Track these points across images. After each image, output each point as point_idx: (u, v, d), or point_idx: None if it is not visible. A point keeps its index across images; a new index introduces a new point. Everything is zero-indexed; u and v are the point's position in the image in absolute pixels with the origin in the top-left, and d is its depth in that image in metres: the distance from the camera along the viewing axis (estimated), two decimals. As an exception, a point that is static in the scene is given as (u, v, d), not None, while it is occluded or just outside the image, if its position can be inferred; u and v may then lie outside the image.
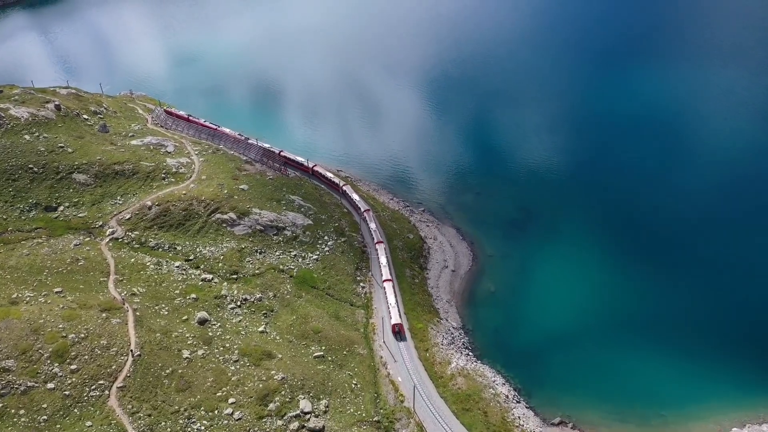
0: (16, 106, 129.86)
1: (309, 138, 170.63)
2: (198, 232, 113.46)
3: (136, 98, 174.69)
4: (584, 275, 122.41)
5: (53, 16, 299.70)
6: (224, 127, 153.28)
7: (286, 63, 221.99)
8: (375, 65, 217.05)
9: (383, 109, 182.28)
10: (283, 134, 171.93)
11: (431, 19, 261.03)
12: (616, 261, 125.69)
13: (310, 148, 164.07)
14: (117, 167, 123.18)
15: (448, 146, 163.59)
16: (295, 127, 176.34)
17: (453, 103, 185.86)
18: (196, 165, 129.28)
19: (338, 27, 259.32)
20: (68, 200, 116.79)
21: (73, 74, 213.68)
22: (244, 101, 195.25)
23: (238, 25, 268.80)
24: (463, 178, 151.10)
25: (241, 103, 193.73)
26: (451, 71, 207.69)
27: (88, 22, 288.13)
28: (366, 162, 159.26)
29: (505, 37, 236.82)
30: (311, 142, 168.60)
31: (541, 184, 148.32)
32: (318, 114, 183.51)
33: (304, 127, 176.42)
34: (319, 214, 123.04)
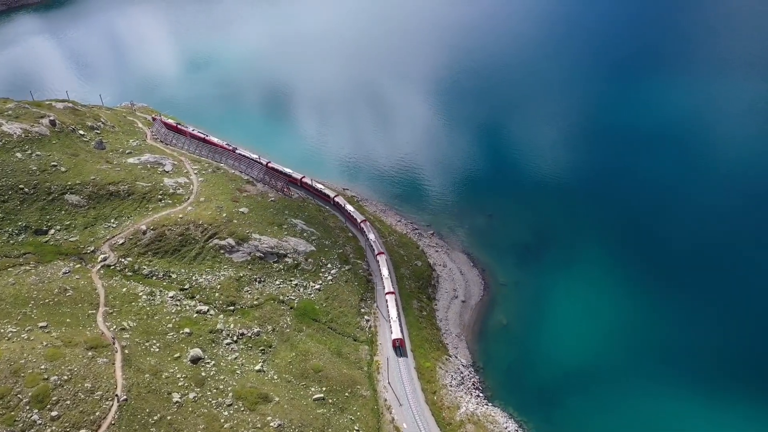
0: (9, 121, 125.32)
1: (314, 153, 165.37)
2: (194, 259, 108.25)
3: (136, 110, 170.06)
4: (604, 305, 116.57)
5: (59, 20, 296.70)
6: (212, 136, 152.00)
7: (293, 72, 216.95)
8: (385, 75, 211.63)
9: (392, 123, 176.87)
10: (286, 147, 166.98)
11: (444, 28, 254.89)
12: (639, 288, 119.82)
13: (315, 164, 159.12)
14: (112, 188, 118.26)
15: (458, 163, 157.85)
16: (299, 140, 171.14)
17: (464, 116, 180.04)
18: (194, 185, 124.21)
19: (349, 35, 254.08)
20: (59, 223, 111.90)
21: (74, 83, 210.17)
22: (248, 112, 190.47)
23: (247, 31, 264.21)
24: (474, 198, 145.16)
25: (245, 114, 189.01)
26: (464, 82, 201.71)
27: (93, 27, 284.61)
28: (373, 180, 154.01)
29: (519, 46, 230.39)
30: (316, 157, 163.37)
31: (556, 204, 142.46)
32: (324, 127, 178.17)
33: (308, 140, 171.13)
34: (322, 240, 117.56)
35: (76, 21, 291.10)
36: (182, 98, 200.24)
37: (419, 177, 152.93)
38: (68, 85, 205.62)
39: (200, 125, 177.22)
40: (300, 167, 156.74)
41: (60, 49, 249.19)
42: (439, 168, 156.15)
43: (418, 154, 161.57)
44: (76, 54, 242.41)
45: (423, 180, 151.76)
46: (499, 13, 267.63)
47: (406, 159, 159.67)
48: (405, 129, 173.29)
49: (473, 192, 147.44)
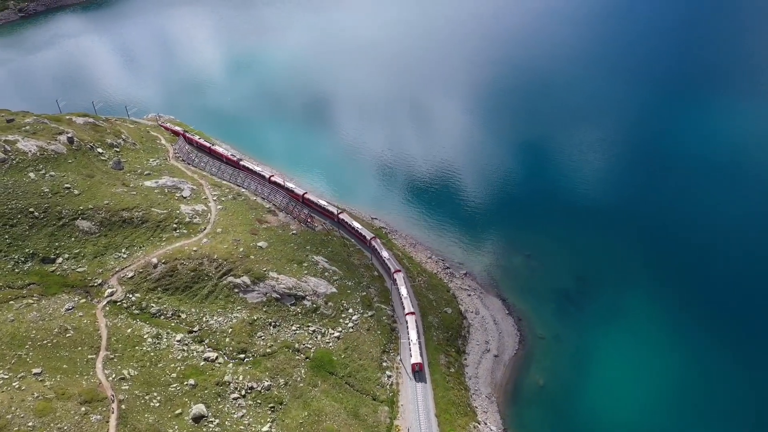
0: (26, 138, 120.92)
1: (343, 175, 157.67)
2: (206, 298, 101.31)
3: (162, 122, 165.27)
4: (656, 366, 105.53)
5: (94, 21, 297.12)
6: (217, 146, 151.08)
7: (329, 85, 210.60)
8: (423, 92, 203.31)
9: (426, 147, 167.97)
10: (314, 166, 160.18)
11: (486, 40, 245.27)
12: (698, 346, 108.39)
13: (344, 186, 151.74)
14: (125, 214, 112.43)
15: (496, 194, 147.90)
16: (329, 160, 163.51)
17: (503, 141, 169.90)
18: (212, 214, 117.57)
19: (388, 47, 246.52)
20: (68, 251, 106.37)
21: (103, 91, 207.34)
22: (277, 125, 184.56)
23: (285, 39, 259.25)
24: (511, 235, 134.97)
25: (274, 128, 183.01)
26: (504, 101, 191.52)
27: (128, 31, 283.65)
28: (404, 208, 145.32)
29: (566, 62, 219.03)
30: (346, 179, 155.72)
31: (602, 245, 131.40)
32: (356, 147, 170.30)
33: (339, 161, 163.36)
34: (345, 280, 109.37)
35: (111, 23, 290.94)
36: (212, 110, 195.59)
37: (453, 208, 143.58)
38: (97, 93, 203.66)
39: (228, 140, 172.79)
40: (325, 188, 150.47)
41: (91, 55, 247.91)
42: (475, 198, 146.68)
43: (453, 182, 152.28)
44: (107, 60, 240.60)
45: (457, 211, 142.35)
46: (548, 24, 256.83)
47: (439, 187, 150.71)
48: (439, 153, 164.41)
49: (511, 227, 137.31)
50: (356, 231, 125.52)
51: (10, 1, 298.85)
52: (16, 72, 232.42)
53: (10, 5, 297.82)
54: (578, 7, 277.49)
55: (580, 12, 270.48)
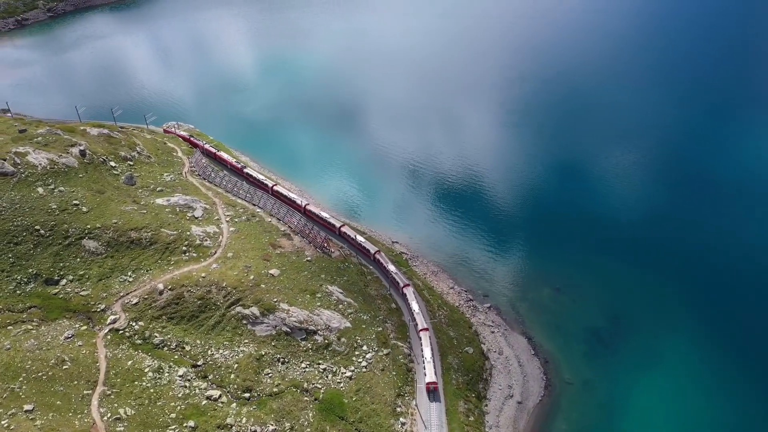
0: (37, 150, 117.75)
1: (365, 193, 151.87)
2: (213, 329, 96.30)
3: (168, 127, 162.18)
4: (696, 419, 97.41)
5: (121, 22, 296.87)
6: (222, 152, 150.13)
7: (356, 95, 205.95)
8: (453, 105, 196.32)
9: (451, 165, 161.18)
10: (335, 186, 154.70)
11: (520, 51, 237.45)
12: (745, 399, 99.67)
13: (364, 208, 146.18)
14: (133, 234, 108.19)
15: (525, 220, 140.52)
16: (351, 180, 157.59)
17: (536, 160, 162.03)
18: (224, 237, 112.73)
19: (416, 50, 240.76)
20: (73, 272, 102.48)
21: (125, 96, 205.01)
22: (295, 138, 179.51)
23: (314, 44, 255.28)
24: (541, 265, 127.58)
25: (293, 140, 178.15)
26: (539, 115, 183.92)
27: (153, 33, 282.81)
28: (427, 231, 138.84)
29: (608, 79, 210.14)
30: (367, 198, 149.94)
31: (640, 281, 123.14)
32: (380, 164, 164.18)
33: (360, 182, 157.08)
34: (360, 313, 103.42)
35: (137, 25, 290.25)
36: (234, 119, 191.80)
37: (479, 232, 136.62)
38: (119, 97, 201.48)
39: (248, 150, 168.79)
40: (345, 207, 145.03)
41: (115, 57, 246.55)
42: (503, 222, 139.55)
43: (479, 204, 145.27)
44: (130, 64, 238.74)
45: (483, 236, 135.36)
46: (588, 35, 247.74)
47: (465, 209, 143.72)
48: (466, 172, 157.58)
49: (540, 256, 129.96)
50: (359, 245, 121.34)
51: (40, 1, 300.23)
52: (41, 74, 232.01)
53: (40, 4, 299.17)
54: (623, 16, 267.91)
55: (624, 21, 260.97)
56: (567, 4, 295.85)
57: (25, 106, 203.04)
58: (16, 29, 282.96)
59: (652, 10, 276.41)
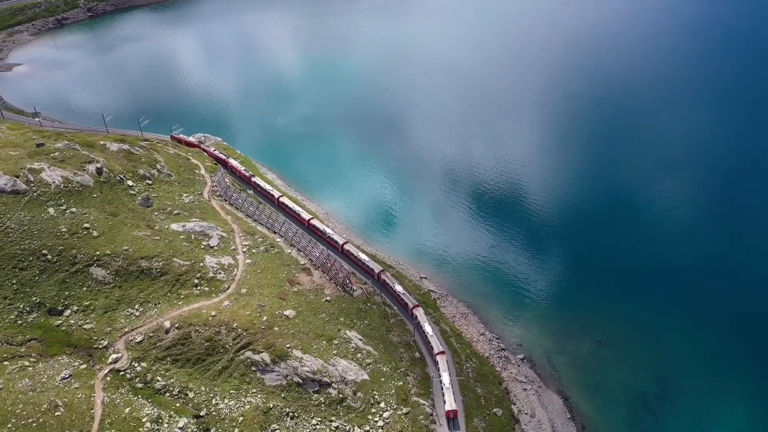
0: (52, 166, 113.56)
1: (393, 223, 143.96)
2: (219, 375, 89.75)
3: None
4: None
5: (160, 24, 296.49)
6: (232, 159, 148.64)
7: (389, 106, 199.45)
8: (489, 120, 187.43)
9: (488, 192, 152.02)
10: (363, 211, 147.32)
11: (570, 64, 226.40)
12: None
13: (393, 237, 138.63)
14: (144, 263, 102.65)
15: (567, 260, 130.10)
16: (380, 206, 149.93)
17: (582, 195, 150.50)
18: (239, 269, 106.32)
19: (461, 60, 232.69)
20: (78, 302, 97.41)
21: (153, 104, 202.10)
22: (326, 153, 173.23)
23: (357, 50, 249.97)
24: (580, 314, 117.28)
25: (322, 156, 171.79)
26: (584, 145, 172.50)
27: (191, 36, 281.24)
28: (457, 268, 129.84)
29: (664, 93, 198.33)
30: (395, 228, 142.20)
31: (691, 338, 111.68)
32: (410, 186, 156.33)
33: (390, 209, 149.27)
34: (379, 364, 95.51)
35: (175, 27, 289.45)
36: (266, 132, 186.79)
37: (515, 272, 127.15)
38: (148, 104, 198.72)
39: (275, 165, 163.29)
40: (371, 236, 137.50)
41: (149, 61, 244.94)
42: (541, 262, 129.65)
43: (517, 239, 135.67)
44: (163, 69, 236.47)
45: (519, 277, 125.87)
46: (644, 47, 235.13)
47: (500, 244, 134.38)
48: (503, 202, 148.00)
49: (580, 303, 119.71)
50: (363, 264, 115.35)
51: (81, 0, 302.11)
52: (75, 76, 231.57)
53: (81, 3, 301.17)
54: (685, 34, 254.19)
55: (685, 40, 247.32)
56: (633, 14, 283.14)
57: (56, 109, 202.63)
58: (56, 28, 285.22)
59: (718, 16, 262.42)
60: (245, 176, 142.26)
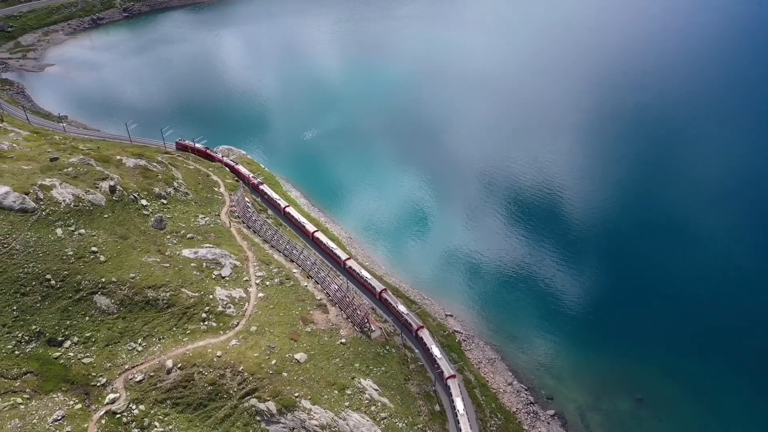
0: (64, 183, 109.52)
1: (419, 256, 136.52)
2: (221, 423, 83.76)
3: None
4: None
5: (195, 26, 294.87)
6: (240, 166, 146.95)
7: (426, 122, 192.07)
8: (530, 143, 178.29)
9: (523, 225, 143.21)
10: (388, 239, 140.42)
11: (623, 84, 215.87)
12: None
13: (420, 269, 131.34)
14: (151, 293, 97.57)
15: (604, 308, 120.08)
16: (409, 231, 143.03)
17: (624, 230, 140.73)
18: (250, 304, 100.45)
19: (505, 74, 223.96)
20: (79, 333, 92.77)
21: (181, 110, 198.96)
22: (354, 170, 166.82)
23: (393, 56, 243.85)
24: (620, 366, 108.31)
25: (351, 173, 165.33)
26: (632, 172, 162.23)
27: (225, 39, 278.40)
28: (486, 306, 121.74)
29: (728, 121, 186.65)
30: (422, 259, 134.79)
31: (745, 400, 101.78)
32: (443, 212, 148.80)
33: (418, 236, 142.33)
34: (395, 419, 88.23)
35: (209, 30, 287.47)
36: (293, 146, 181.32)
37: (549, 314, 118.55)
38: (174, 113, 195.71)
39: (302, 185, 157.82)
40: (400, 269, 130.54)
41: (178, 66, 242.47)
42: (578, 307, 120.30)
43: (553, 279, 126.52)
44: (192, 75, 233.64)
45: (553, 320, 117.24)
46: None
47: (535, 282, 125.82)
48: (538, 235, 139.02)
49: (620, 353, 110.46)
50: (365, 282, 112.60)
51: (117, 0, 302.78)
52: (105, 79, 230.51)
53: (117, 3, 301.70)
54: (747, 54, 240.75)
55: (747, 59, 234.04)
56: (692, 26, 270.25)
57: (83, 113, 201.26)
58: (91, 28, 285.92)
59: None
60: (254, 184, 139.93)
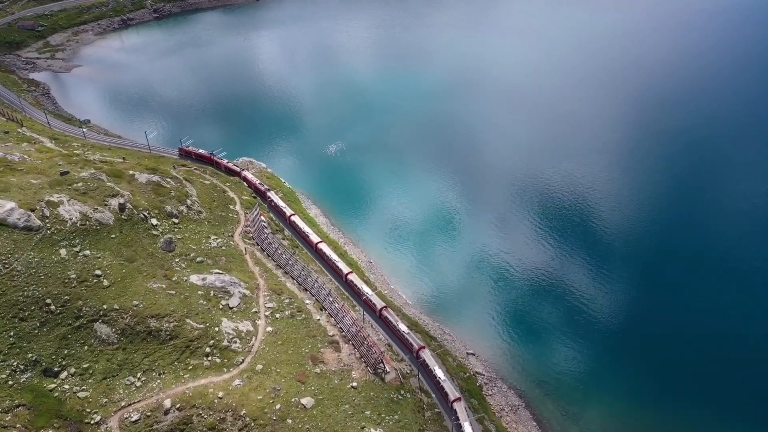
0: (72, 200, 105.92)
1: (443, 285, 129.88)
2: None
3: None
4: None
5: (225, 28, 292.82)
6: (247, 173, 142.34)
7: (461, 138, 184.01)
8: (572, 173, 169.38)
9: (554, 259, 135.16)
10: (408, 262, 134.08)
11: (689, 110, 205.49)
12: None
13: (441, 301, 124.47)
14: (153, 323, 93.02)
15: (645, 354, 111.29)
16: (430, 254, 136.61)
17: (673, 266, 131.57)
18: (257, 339, 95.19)
19: (547, 89, 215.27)
20: (77, 364, 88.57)
21: (204, 118, 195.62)
22: (381, 187, 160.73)
23: (430, 63, 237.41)
24: (664, 425, 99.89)
25: (376, 190, 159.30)
26: (683, 207, 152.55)
27: (255, 43, 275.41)
28: (510, 345, 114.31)
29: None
30: (444, 291, 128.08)
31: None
32: (465, 242, 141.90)
33: (444, 263, 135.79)
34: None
35: (237, 35, 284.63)
36: (314, 159, 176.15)
37: (581, 358, 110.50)
38: (196, 121, 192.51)
39: (325, 203, 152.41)
40: (422, 298, 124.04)
41: (203, 71, 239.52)
42: (612, 352, 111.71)
43: (588, 320, 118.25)
44: (217, 80, 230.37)
45: (585, 365, 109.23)
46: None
47: (567, 323, 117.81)
48: (576, 274, 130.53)
49: (665, 411, 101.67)
50: (366, 299, 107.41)
51: (148, 0, 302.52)
52: (131, 82, 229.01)
53: (147, 4, 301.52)
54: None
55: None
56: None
57: (107, 116, 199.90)
58: (121, 29, 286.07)
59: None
60: (261, 191, 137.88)
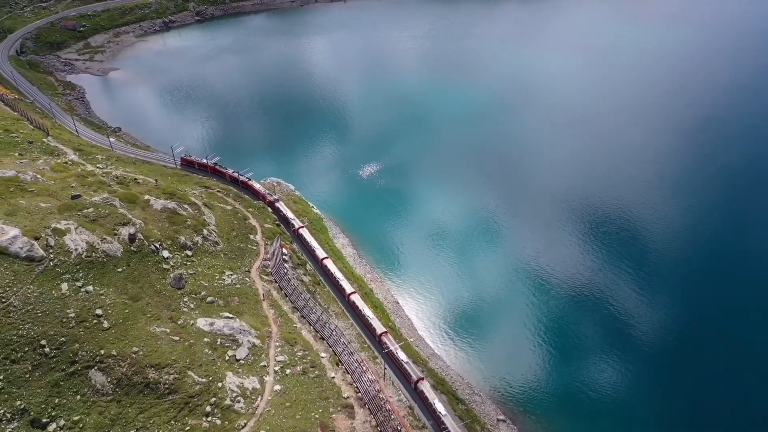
0: (80, 227, 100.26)
1: (475, 334, 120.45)
2: None
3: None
4: None
5: (264, 35, 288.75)
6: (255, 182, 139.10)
7: (495, 167, 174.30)
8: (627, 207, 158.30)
9: (610, 317, 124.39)
10: (434, 298, 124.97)
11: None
12: None
13: (468, 355, 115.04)
14: (152, 374, 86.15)
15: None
16: (463, 293, 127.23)
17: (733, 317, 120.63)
18: (263, 398, 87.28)
19: (608, 110, 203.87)
20: (67, 416, 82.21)
21: (236, 129, 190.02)
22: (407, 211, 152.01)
23: (477, 76, 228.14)
24: None
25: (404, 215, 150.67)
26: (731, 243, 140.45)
27: (295, 50, 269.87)
28: (547, 411, 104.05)
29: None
30: (474, 341, 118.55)
31: None
32: (507, 285, 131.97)
33: (477, 309, 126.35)
34: None
35: (276, 42, 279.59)
36: (347, 182, 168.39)
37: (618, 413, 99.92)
38: (226, 132, 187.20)
39: (356, 233, 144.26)
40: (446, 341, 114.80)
41: (242, 79, 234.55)
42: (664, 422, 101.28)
43: (638, 381, 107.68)
44: (252, 90, 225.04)
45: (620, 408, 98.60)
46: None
47: (612, 388, 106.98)
48: (625, 333, 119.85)
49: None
50: (366, 322, 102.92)
51: (191, 3, 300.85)
52: (166, 88, 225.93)
53: (190, 6, 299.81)
54: None
55: None
56: None
57: (138, 124, 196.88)
58: (162, 31, 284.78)
59: None
60: (269, 201, 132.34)
